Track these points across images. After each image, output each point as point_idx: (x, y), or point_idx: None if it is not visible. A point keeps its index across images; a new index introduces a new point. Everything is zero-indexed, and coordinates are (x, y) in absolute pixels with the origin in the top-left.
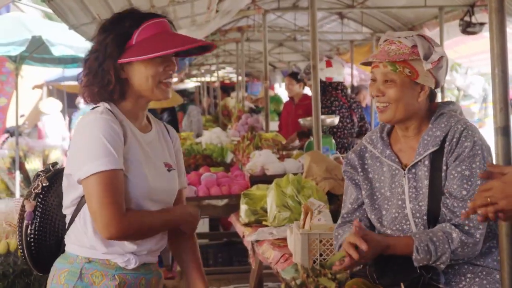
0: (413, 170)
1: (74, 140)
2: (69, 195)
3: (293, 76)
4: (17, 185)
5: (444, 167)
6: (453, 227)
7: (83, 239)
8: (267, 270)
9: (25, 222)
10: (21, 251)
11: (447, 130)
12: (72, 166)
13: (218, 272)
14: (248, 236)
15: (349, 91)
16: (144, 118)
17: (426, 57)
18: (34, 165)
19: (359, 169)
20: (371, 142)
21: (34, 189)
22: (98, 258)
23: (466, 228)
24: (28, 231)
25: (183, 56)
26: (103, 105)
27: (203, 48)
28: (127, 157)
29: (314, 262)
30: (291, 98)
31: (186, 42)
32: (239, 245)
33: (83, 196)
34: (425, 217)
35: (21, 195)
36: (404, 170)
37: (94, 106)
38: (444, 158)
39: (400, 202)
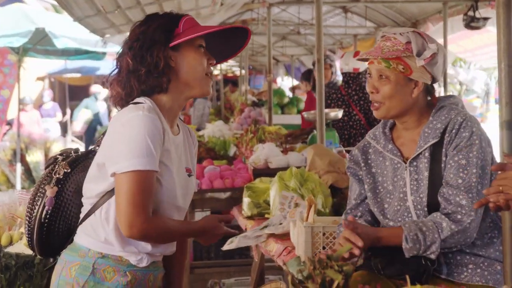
0: (415, 163)
1: (115, 132)
2: (96, 186)
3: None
4: (18, 177)
5: (444, 158)
6: (443, 216)
7: (100, 233)
8: (269, 263)
9: (46, 207)
10: (28, 234)
11: (447, 122)
12: (109, 157)
13: (219, 265)
14: (227, 245)
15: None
16: (177, 120)
17: (419, 54)
18: (35, 157)
19: (362, 164)
20: (374, 138)
21: (55, 174)
22: (111, 254)
23: (459, 216)
24: (43, 215)
25: (222, 60)
26: (146, 102)
27: (237, 41)
28: (162, 160)
29: (316, 254)
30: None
31: (225, 26)
32: None
33: (109, 191)
34: (426, 209)
35: (22, 187)
36: (406, 163)
37: (136, 101)
38: (443, 149)
39: (402, 195)
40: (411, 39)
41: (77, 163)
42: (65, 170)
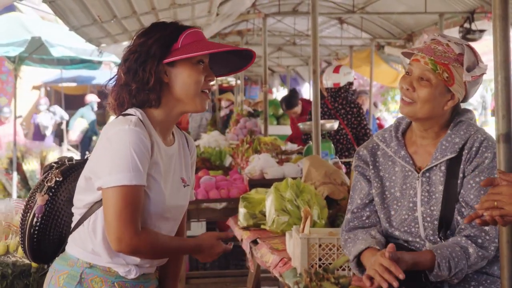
0: (428, 174)
1: (101, 146)
2: (84, 197)
3: (285, 107)
4: (14, 186)
5: (461, 175)
6: (469, 241)
7: (87, 244)
8: (264, 274)
9: (36, 215)
10: (21, 240)
11: (466, 138)
12: (95, 171)
13: (215, 275)
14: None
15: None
16: (171, 131)
17: (469, 69)
18: (31, 166)
19: (371, 166)
20: (384, 140)
21: (46, 182)
22: (99, 265)
23: (480, 241)
24: (33, 222)
25: (224, 74)
26: (135, 114)
27: (241, 59)
28: (150, 173)
29: (312, 266)
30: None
31: (228, 46)
32: (236, 249)
33: (97, 202)
34: (435, 222)
35: (18, 196)
36: (418, 173)
37: (126, 113)
38: (461, 166)
39: (411, 205)
40: (465, 52)
41: (70, 172)
42: (57, 179)
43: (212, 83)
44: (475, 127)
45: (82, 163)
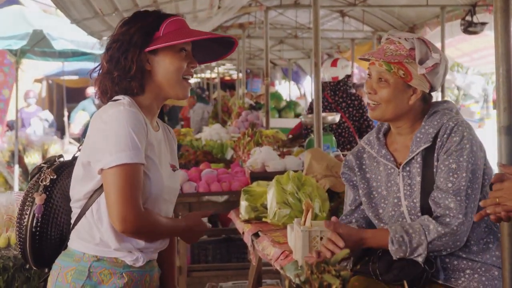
0: (407, 168)
1: (97, 129)
2: (82, 187)
3: None
4: (15, 179)
5: (435, 163)
6: (430, 218)
7: (94, 234)
8: (266, 267)
9: (36, 215)
10: (20, 245)
11: (439, 127)
12: (93, 155)
13: (217, 268)
14: None
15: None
16: (156, 118)
17: (422, 62)
18: (33, 159)
19: (357, 169)
20: (369, 143)
21: (41, 182)
22: (106, 256)
23: (447, 219)
24: (34, 223)
25: (207, 61)
26: (124, 98)
27: (224, 48)
28: (147, 153)
29: None
30: None
31: (210, 34)
32: (237, 242)
33: (97, 190)
34: (419, 214)
35: (20, 189)
36: (399, 168)
37: (115, 98)
38: (435, 154)
39: (396, 200)
40: (416, 46)
41: (63, 169)
42: (51, 177)
43: (214, 76)
44: (449, 115)
45: (71, 160)
